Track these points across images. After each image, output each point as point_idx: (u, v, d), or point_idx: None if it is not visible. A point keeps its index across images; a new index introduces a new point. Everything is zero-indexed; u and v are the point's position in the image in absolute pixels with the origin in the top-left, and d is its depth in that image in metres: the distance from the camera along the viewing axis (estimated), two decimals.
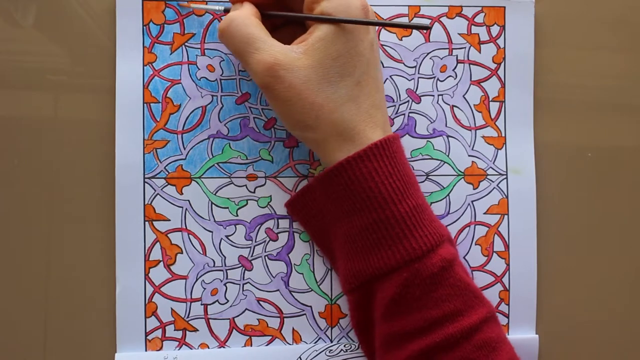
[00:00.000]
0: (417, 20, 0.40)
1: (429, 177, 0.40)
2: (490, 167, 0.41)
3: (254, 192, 0.39)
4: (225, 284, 0.38)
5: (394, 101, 0.40)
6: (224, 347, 0.38)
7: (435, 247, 0.33)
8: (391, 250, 0.33)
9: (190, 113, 0.38)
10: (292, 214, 0.39)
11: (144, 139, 0.38)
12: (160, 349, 0.38)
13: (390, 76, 0.40)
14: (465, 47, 0.40)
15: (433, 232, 0.34)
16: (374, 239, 0.33)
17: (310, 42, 0.33)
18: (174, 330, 0.38)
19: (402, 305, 0.33)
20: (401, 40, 0.40)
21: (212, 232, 0.38)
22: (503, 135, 0.41)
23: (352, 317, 0.37)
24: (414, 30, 0.40)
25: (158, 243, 0.38)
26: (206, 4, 0.38)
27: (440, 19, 0.40)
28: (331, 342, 0.39)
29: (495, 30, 0.41)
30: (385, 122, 0.35)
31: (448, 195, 0.40)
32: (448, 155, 0.40)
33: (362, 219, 0.33)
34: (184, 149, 0.38)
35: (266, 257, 0.39)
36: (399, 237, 0.33)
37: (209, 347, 0.38)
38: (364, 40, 0.34)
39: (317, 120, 0.33)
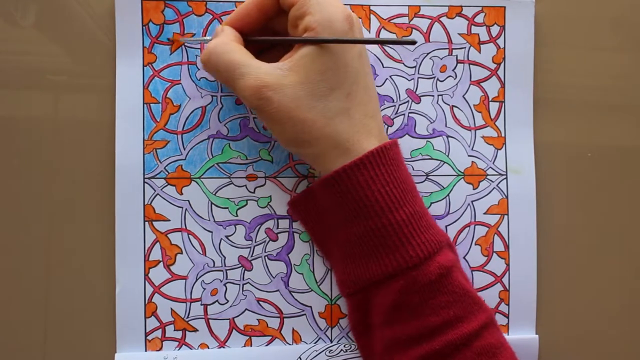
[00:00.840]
0: (416, 21, 0.40)
1: (429, 177, 0.40)
2: (490, 167, 0.41)
3: (253, 192, 0.39)
4: (225, 284, 0.38)
5: (393, 101, 0.40)
6: (223, 347, 0.38)
7: (432, 255, 0.33)
8: (388, 258, 0.33)
9: (190, 113, 0.38)
10: (293, 213, 0.39)
11: (144, 139, 0.38)
12: (160, 349, 0.38)
13: (390, 76, 0.40)
14: (465, 47, 0.40)
15: (430, 239, 0.33)
16: (370, 247, 0.33)
17: (296, 59, 0.33)
18: (174, 330, 0.38)
19: (402, 312, 0.33)
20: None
21: (212, 232, 0.38)
22: (503, 135, 0.41)
23: (350, 319, 0.37)
24: (413, 30, 0.40)
25: (158, 243, 0.38)
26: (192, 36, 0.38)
27: (440, 19, 0.40)
28: (331, 342, 0.39)
29: (495, 30, 0.41)
30: (380, 131, 0.35)
31: (448, 195, 0.40)
32: (448, 156, 0.40)
33: (359, 227, 0.33)
34: (184, 149, 0.38)
35: (266, 257, 0.39)
36: (395, 246, 0.33)
37: (208, 347, 0.38)
38: (351, 51, 0.33)
39: (310, 135, 0.33)
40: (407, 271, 0.33)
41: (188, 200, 0.38)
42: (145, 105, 0.38)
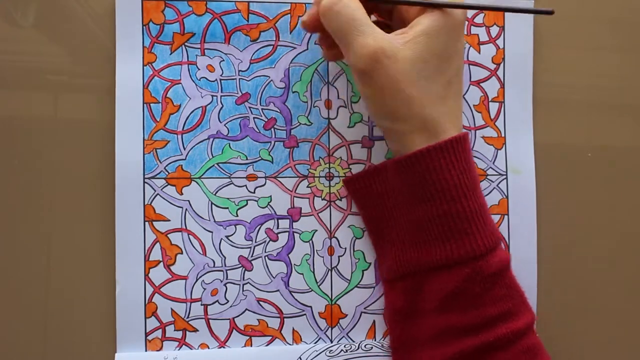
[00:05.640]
0: None
1: None
2: (490, 167, 0.41)
3: (254, 192, 0.39)
4: (225, 284, 0.38)
5: None
6: (224, 348, 0.38)
7: (495, 248, 0.34)
8: (457, 244, 0.33)
9: (190, 113, 0.38)
10: (350, 190, 0.39)
11: (144, 139, 0.38)
12: (160, 349, 0.38)
13: None
14: (464, 47, 0.40)
15: (494, 232, 0.34)
16: (440, 230, 0.33)
17: (413, 35, 0.33)
18: (174, 330, 0.38)
19: (460, 300, 0.33)
20: None
21: (212, 232, 0.38)
22: (503, 135, 0.41)
23: (390, 302, 0.37)
24: None
25: (158, 243, 0.38)
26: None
27: None
28: (331, 342, 0.39)
29: (494, 30, 0.41)
30: (461, 125, 0.35)
31: None
32: None
33: (432, 208, 0.33)
34: (184, 149, 0.38)
35: (266, 257, 0.39)
36: (466, 233, 0.33)
37: (209, 348, 0.38)
38: (461, 41, 0.34)
39: (408, 112, 0.33)
40: (474, 260, 0.33)
41: (188, 200, 0.38)
42: (145, 105, 0.38)
